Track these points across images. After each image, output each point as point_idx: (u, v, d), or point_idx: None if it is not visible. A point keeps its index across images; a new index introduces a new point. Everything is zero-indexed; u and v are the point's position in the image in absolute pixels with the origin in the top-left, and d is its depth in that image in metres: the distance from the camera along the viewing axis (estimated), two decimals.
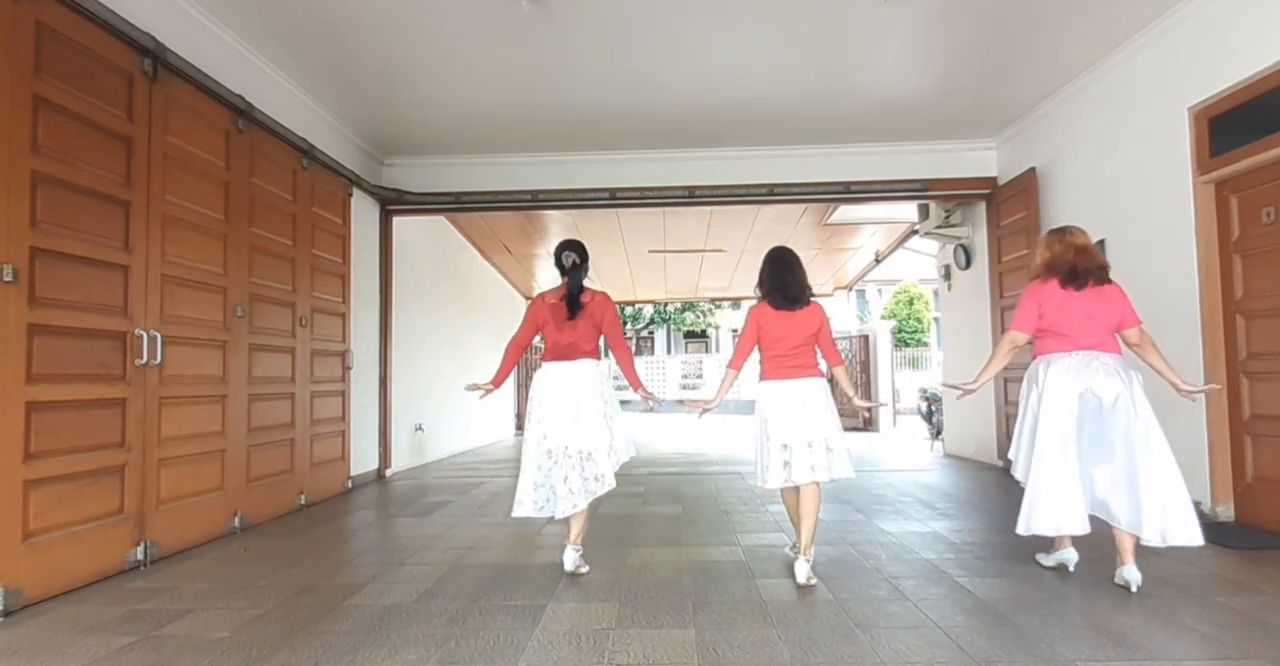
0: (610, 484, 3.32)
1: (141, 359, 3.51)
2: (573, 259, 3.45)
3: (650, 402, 3.51)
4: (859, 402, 3.73)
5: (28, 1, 2.95)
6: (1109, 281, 3.20)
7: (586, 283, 3.50)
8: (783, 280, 3.28)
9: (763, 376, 3.30)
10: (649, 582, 3.11)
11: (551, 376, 3.39)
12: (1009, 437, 6.34)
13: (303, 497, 5.07)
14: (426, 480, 6.55)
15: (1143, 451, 2.95)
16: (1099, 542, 3.20)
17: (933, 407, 9.03)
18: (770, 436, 3.19)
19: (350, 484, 5.88)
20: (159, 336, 3.62)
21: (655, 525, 4.36)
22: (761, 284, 3.36)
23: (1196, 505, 4.27)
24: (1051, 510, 2.97)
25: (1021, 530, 3.03)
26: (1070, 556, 3.18)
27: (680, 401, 3.76)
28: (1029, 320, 3.17)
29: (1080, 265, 3.13)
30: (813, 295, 3.33)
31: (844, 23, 4.49)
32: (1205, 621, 2.53)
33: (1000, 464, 6.56)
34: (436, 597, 2.95)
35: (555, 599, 2.90)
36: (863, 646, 2.36)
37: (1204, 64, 4.19)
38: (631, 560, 3.51)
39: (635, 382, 3.50)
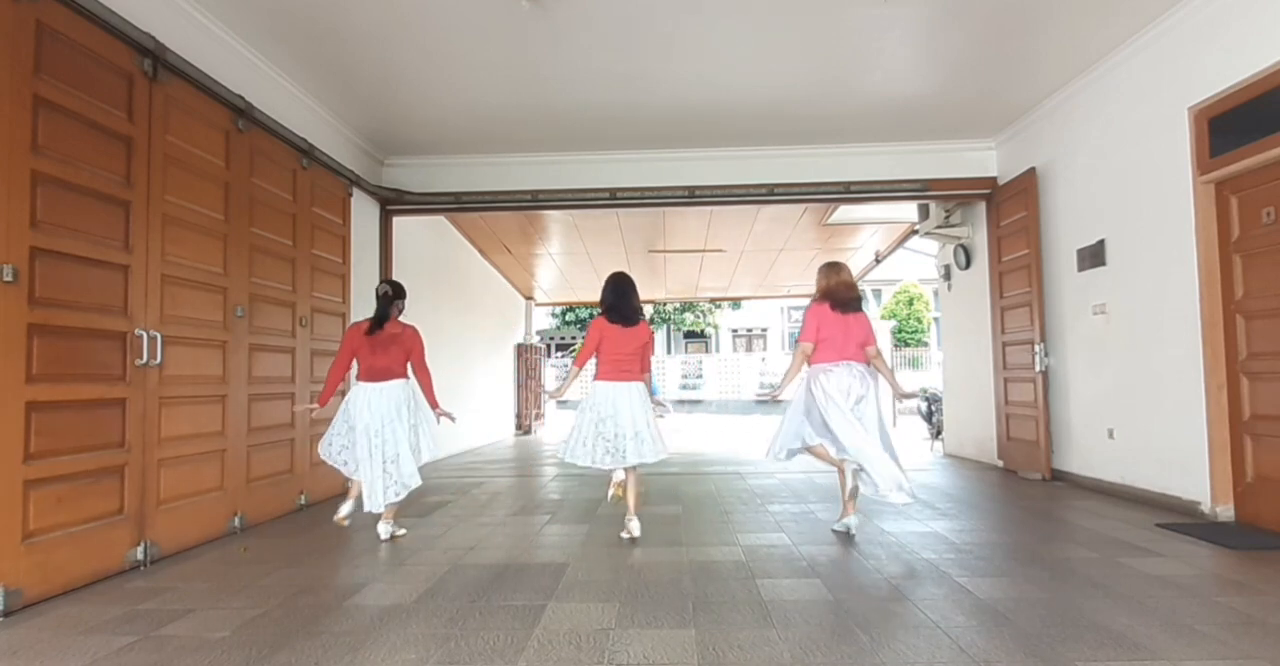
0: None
1: (141, 359, 3.51)
2: (385, 290, 4.16)
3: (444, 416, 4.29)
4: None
5: (28, 1, 2.95)
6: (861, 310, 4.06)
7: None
8: (618, 301, 4.06)
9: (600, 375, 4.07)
10: (649, 582, 3.11)
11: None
12: (1009, 437, 6.37)
13: (303, 497, 5.07)
14: (426, 480, 6.51)
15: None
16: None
17: (933, 407, 9.03)
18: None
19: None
20: (159, 336, 3.62)
21: (655, 525, 4.36)
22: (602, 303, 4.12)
23: (1196, 505, 4.31)
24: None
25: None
26: (852, 522, 3.98)
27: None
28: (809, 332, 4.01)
29: (845, 295, 3.99)
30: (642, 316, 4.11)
31: (844, 23, 4.49)
32: (1205, 621, 2.53)
33: (1000, 464, 6.56)
34: (436, 597, 2.95)
35: (555, 599, 2.90)
36: (863, 646, 2.36)
37: (1204, 64, 4.19)
38: (631, 560, 3.51)
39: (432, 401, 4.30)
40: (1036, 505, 4.83)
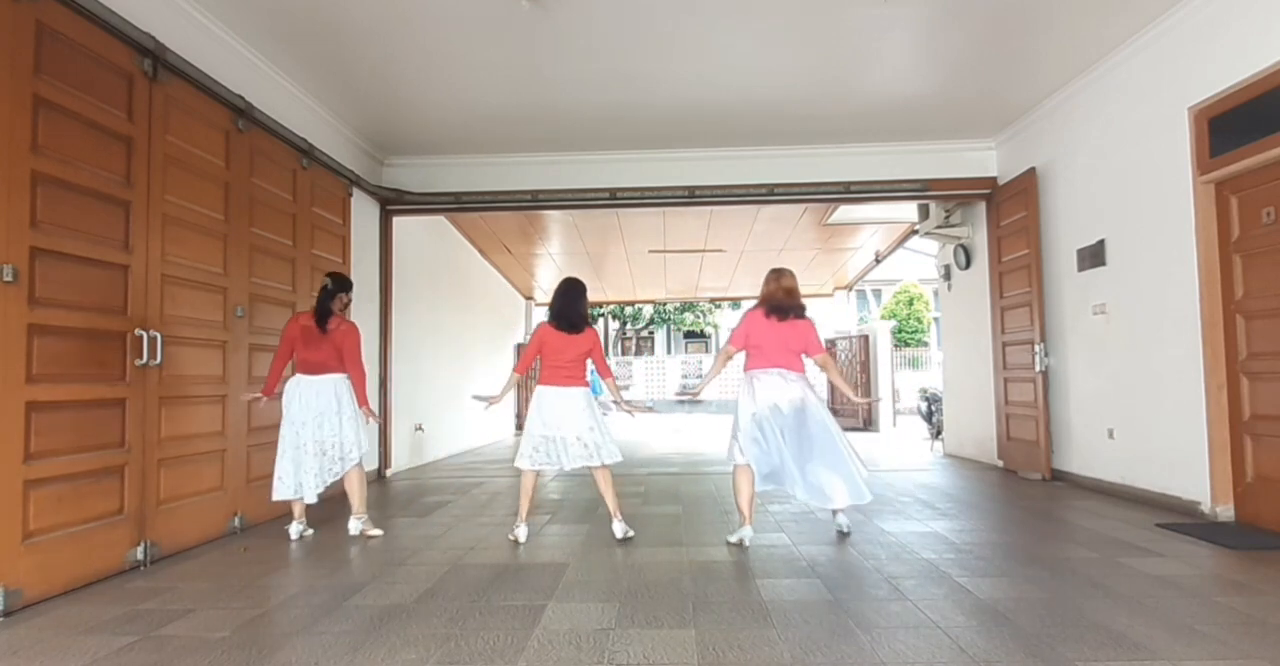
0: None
1: (141, 359, 3.50)
2: (325, 282, 4.18)
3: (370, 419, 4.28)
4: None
5: (28, 1, 2.95)
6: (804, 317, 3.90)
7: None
8: (564, 308, 4.01)
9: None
10: (649, 582, 3.11)
11: None
12: (1009, 437, 6.37)
13: None
14: (426, 480, 6.55)
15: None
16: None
17: (933, 407, 9.03)
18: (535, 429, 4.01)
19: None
20: (159, 336, 3.62)
21: (655, 525, 4.36)
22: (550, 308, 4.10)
23: (1196, 505, 4.31)
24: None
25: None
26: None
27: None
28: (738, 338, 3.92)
29: (782, 302, 3.87)
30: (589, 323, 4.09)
31: (844, 23, 4.49)
32: (1205, 621, 2.53)
33: (1000, 464, 6.57)
34: (436, 597, 2.95)
35: (555, 599, 2.90)
36: (863, 646, 2.36)
37: (1204, 64, 4.19)
38: (631, 560, 3.51)
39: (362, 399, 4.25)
40: (1036, 505, 4.83)
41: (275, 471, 4.03)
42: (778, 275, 3.99)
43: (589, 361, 4.13)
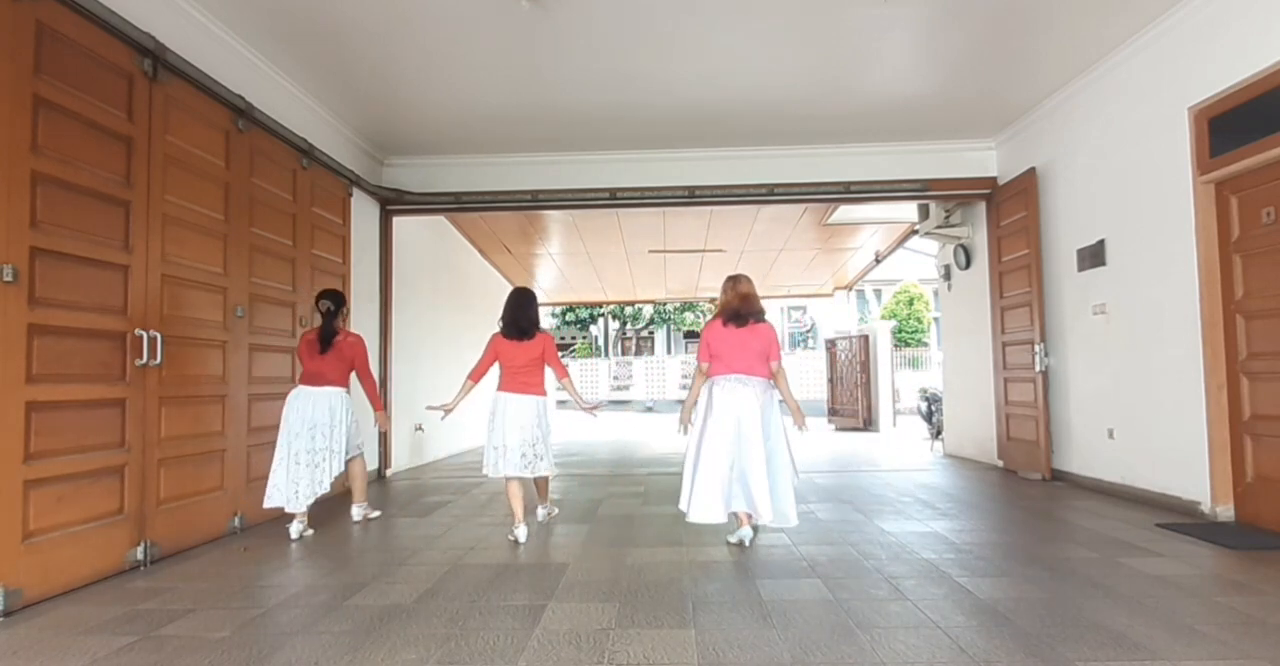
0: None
1: (141, 359, 3.51)
2: (327, 306, 4.32)
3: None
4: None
5: (28, 1, 2.95)
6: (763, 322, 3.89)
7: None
8: (514, 315, 4.17)
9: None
10: (649, 582, 3.11)
11: None
12: (1009, 437, 6.37)
13: None
14: (426, 480, 6.54)
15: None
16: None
17: (933, 407, 9.03)
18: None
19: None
20: (159, 336, 3.62)
21: (655, 525, 4.36)
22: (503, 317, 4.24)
23: (1196, 505, 4.31)
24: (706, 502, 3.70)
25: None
26: (746, 533, 3.77)
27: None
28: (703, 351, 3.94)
29: (738, 309, 3.85)
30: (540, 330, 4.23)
31: (844, 23, 4.49)
32: (1205, 621, 2.53)
33: (1000, 464, 6.57)
34: (436, 597, 2.95)
35: (555, 599, 2.90)
36: (863, 646, 2.36)
37: (1204, 64, 4.19)
38: (631, 560, 3.51)
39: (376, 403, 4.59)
40: (1036, 505, 4.83)
41: (270, 479, 4.15)
42: (734, 282, 3.97)
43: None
